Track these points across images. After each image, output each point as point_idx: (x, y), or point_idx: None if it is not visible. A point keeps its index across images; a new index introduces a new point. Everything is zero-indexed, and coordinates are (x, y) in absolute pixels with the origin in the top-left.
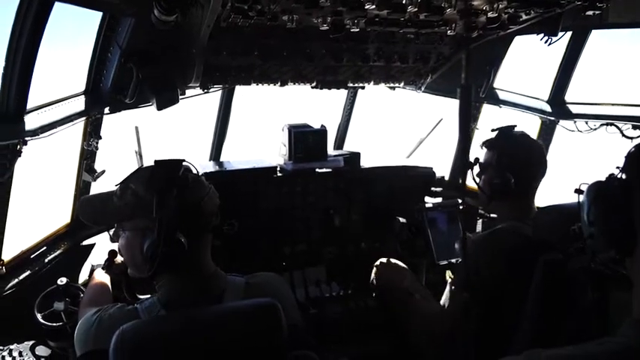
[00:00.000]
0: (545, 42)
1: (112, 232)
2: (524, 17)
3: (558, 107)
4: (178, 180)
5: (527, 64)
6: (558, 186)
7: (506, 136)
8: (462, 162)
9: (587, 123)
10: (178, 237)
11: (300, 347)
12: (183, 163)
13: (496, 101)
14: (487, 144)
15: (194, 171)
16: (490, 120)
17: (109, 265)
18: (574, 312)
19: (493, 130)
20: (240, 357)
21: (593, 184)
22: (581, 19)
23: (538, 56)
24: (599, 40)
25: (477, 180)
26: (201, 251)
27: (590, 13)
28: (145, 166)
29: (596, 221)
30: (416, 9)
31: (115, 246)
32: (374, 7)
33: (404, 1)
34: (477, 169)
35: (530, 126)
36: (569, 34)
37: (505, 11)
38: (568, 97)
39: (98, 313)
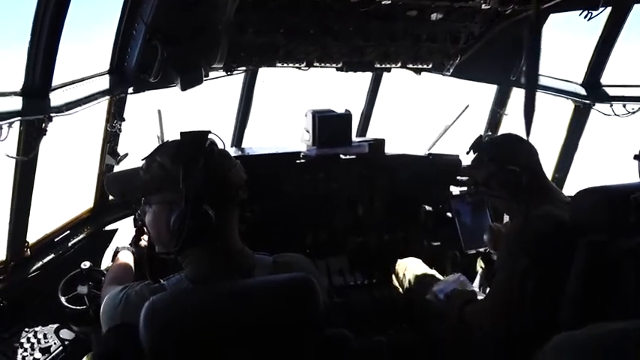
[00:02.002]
0: (585, 17)
1: (138, 210)
2: None
3: (594, 90)
4: (204, 151)
5: (559, 45)
6: (593, 171)
7: (483, 144)
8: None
9: (624, 106)
10: (205, 209)
11: (334, 325)
12: (209, 136)
13: None
14: (474, 163)
15: (220, 144)
16: (517, 106)
17: (136, 241)
18: (619, 295)
19: (467, 153)
20: (274, 331)
21: None
22: None
23: (571, 37)
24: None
25: (488, 193)
26: (228, 225)
27: None
28: (170, 140)
29: None
30: None
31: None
32: None
33: None
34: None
35: (561, 110)
36: (608, 10)
37: None
38: (604, 79)
39: (124, 290)
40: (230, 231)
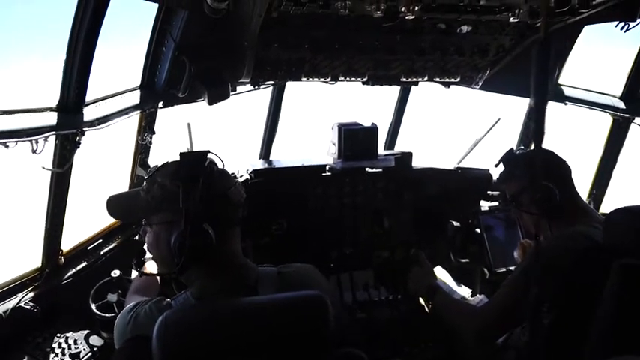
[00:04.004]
0: (622, 28)
1: (139, 231)
2: (598, 0)
3: (633, 103)
4: (204, 171)
5: (596, 57)
6: (634, 188)
7: (515, 157)
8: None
9: None
10: (205, 228)
11: (346, 345)
12: (209, 155)
13: (561, 98)
14: (504, 177)
15: (220, 163)
16: (555, 119)
17: (137, 264)
18: None
19: (496, 165)
20: (283, 349)
21: None
22: None
23: (608, 48)
24: None
25: (518, 209)
26: (229, 243)
27: None
28: (168, 161)
29: None
30: None
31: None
32: None
33: None
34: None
35: (599, 125)
36: None
37: None
38: None
39: (135, 308)
40: (231, 248)
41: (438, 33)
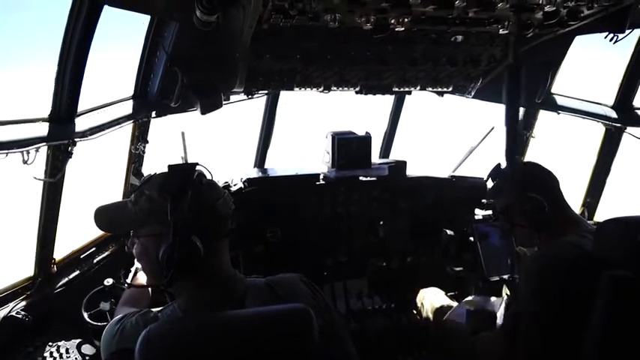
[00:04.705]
0: (611, 40)
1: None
2: (586, 12)
3: (625, 113)
4: (192, 183)
5: (588, 66)
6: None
7: (502, 171)
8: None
9: None
10: (193, 240)
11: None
12: (197, 167)
13: (554, 107)
14: (493, 191)
15: (208, 175)
16: (547, 128)
17: (125, 275)
18: None
19: (486, 181)
20: None
21: None
22: None
23: (600, 57)
24: None
25: (509, 222)
26: (217, 255)
27: None
28: (158, 172)
29: None
30: (464, 3)
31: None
32: (419, 1)
33: None
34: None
35: (591, 134)
36: (637, 31)
37: (564, 5)
38: (637, 101)
39: (122, 320)
40: (220, 260)
41: (430, 43)
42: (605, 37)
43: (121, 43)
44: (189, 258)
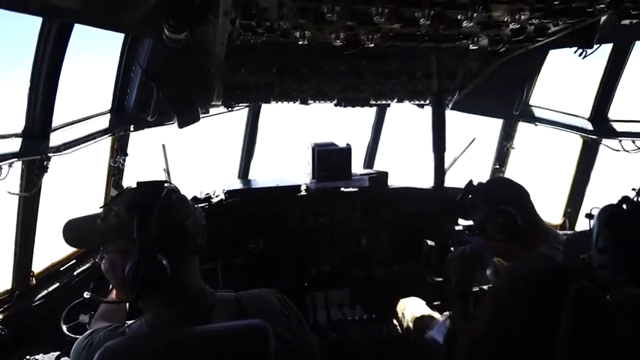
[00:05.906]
0: (580, 55)
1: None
2: (553, 29)
3: (600, 125)
4: (160, 201)
5: (566, 79)
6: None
7: (474, 188)
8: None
9: (634, 142)
10: (160, 259)
11: None
12: (167, 185)
13: (532, 119)
14: (467, 208)
15: (179, 192)
16: (526, 139)
17: (94, 289)
18: (612, 347)
19: (460, 199)
20: None
21: (604, 207)
22: (622, 30)
23: (577, 71)
24: None
25: (485, 237)
26: (185, 271)
27: (626, 22)
28: (130, 187)
29: (607, 249)
30: (429, 22)
31: None
32: (383, 20)
33: (416, 14)
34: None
35: (570, 146)
36: (609, 46)
37: (529, 22)
38: (612, 114)
39: (90, 336)
40: (187, 277)
41: (404, 58)
42: (575, 52)
43: (99, 54)
44: (155, 276)
